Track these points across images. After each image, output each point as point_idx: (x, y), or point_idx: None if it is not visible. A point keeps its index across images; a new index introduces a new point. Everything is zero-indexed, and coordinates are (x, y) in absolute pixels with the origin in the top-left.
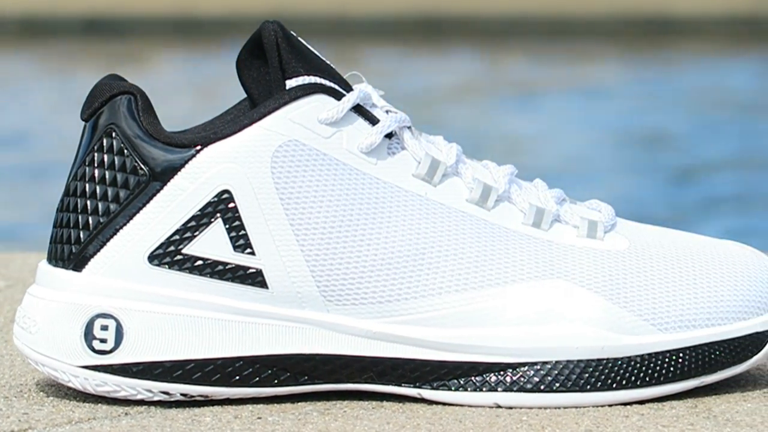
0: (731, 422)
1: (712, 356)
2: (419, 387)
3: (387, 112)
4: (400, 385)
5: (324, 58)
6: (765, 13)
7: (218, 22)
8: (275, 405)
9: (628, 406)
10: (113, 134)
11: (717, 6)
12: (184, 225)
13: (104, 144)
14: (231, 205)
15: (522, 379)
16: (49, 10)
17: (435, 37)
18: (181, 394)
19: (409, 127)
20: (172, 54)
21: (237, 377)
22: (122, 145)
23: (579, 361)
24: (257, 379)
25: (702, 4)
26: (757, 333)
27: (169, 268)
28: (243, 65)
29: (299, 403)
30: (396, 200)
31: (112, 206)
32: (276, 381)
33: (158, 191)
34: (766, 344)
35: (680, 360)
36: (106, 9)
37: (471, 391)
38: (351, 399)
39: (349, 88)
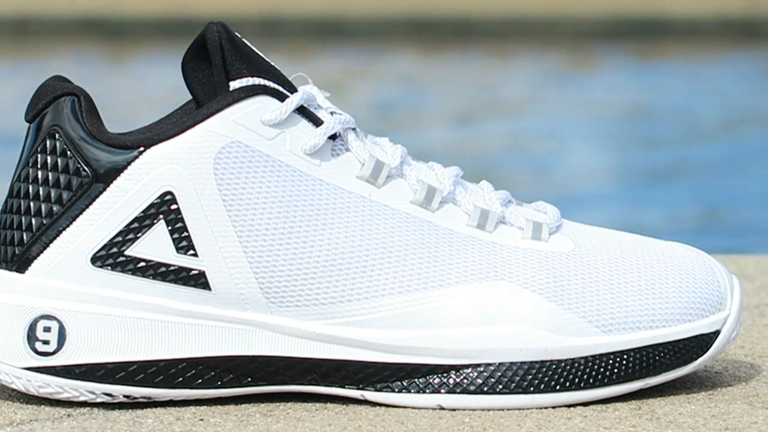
0: (673, 424)
1: (657, 358)
2: (363, 389)
3: (332, 113)
4: (343, 387)
5: (268, 60)
6: (758, 15)
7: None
8: (218, 407)
9: (572, 408)
10: (56, 135)
11: (710, 7)
12: (126, 226)
13: (47, 145)
14: (173, 206)
15: (465, 380)
16: (41, 10)
17: (428, 38)
18: (124, 396)
19: (353, 129)
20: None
21: (180, 379)
22: (65, 146)
23: (522, 362)
24: (200, 380)
25: (695, 5)
26: (702, 335)
27: (112, 269)
28: (188, 67)
29: (242, 405)
30: (339, 202)
31: (55, 208)
32: (219, 383)
33: (101, 193)
34: (711, 346)
35: (624, 362)
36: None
37: (414, 392)
38: (295, 401)
39: (293, 90)
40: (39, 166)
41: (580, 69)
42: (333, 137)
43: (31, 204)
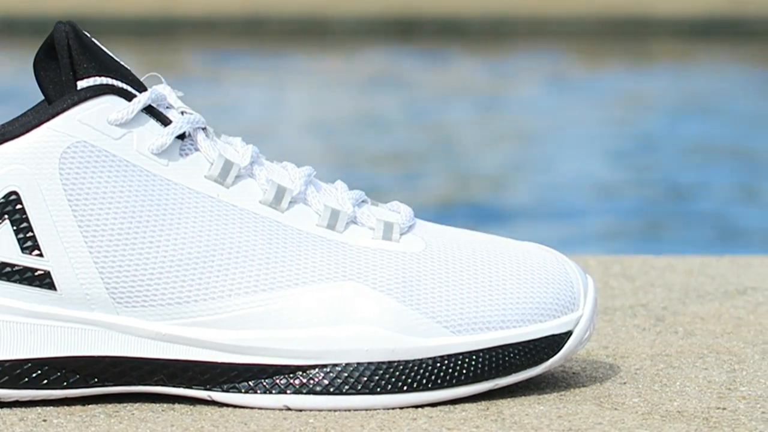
0: (518, 425)
1: (507, 358)
2: (210, 389)
3: (182, 113)
4: (190, 388)
5: (119, 60)
6: (742, 14)
7: (197, 22)
8: (64, 407)
9: (419, 409)
10: None
11: (695, 7)
12: None
13: None
14: (18, 206)
15: (311, 381)
16: (29, 10)
17: (410, 37)
18: None
19: (204, 129)
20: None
21: (25, 379)
22: None
23: (369, 363)
24: (46, 381)
25: (681, 4)
26: (553, 335)
27: None
28: (40, 66)
29: (89, 406)
30: (187, 202)
31: None
32: (65, 383)
33: None
34: (562, 347)
35: (473, 362)
36: (86, 9)
37: (261, 393)
38: (143, 401)
39: (143, 90)
40: None
41: (568, 68)
42: (182, 137)
43: None
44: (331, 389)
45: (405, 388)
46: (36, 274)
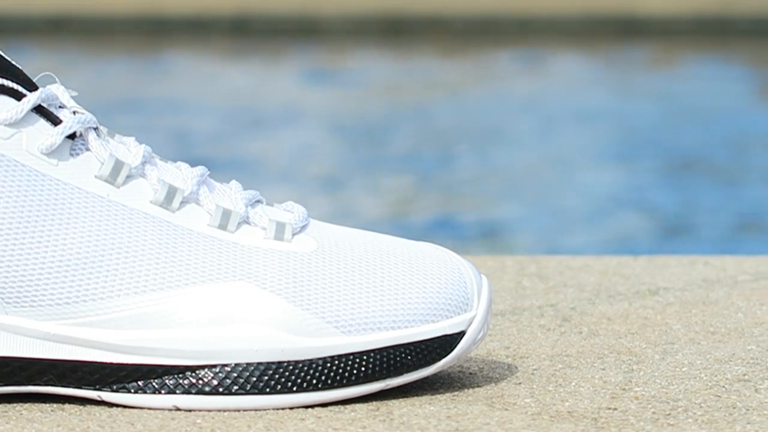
0: (405, 425)
1: (398, 359)
2: (99, 389)
3: (74, 113)
4: (80, 388)
5: (9, 59)
6: (732, 13)
7: (186, 21)
8: None
9: (309, 409)
10: None
11: (685, 6)
12: None
13: None
14: None
15: (201, 381)
16: (16, 8)
17: (400, 36)
18: None
19: (95, 128)
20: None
21: None
22: None
23: (259, 363)
24: None
25: (670, 4)
26: (446, 335)
27: None
28: None
29: None
30: (76, 202)
31: None
32: None
33: None
34: (455, 347)
35: (364, 362)
36: (74, 7)
37: (150, 393)
38: (33, 401)
39: (35, 89)
40: None
41: (555, 67)
42: (73, 137)
43: None
44: (221, 389)
45: (295, 388)
46: None
